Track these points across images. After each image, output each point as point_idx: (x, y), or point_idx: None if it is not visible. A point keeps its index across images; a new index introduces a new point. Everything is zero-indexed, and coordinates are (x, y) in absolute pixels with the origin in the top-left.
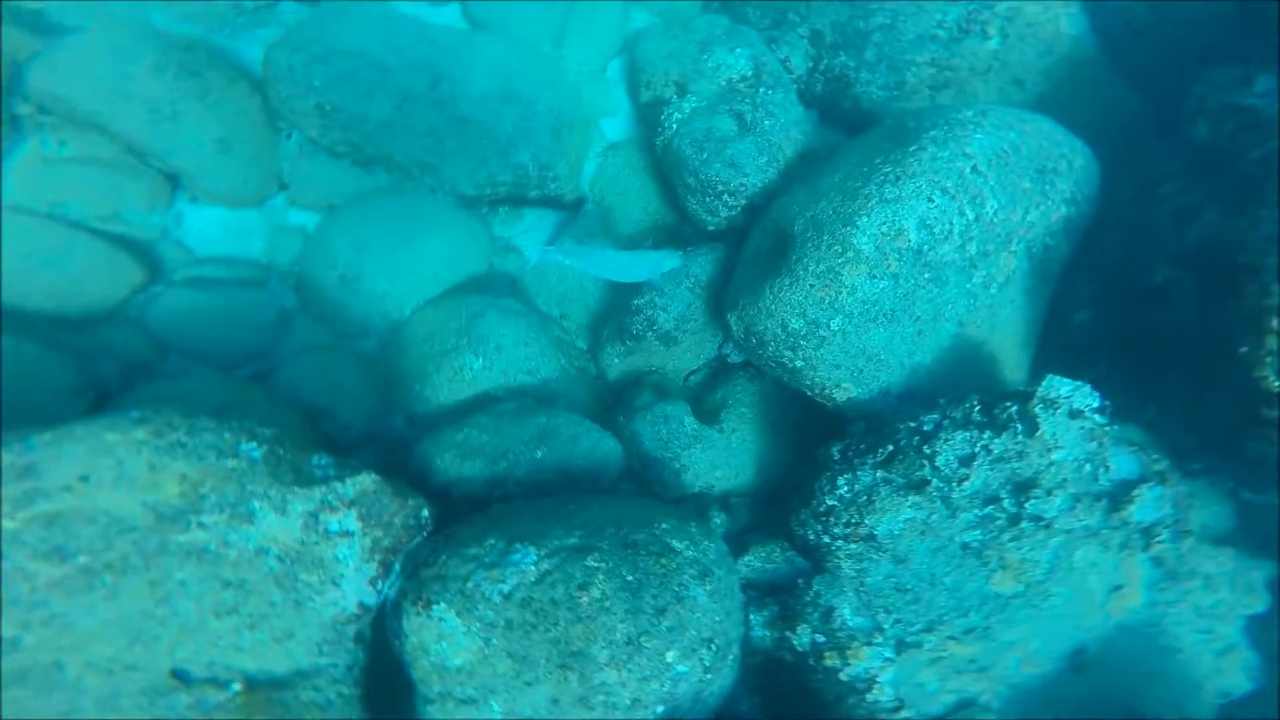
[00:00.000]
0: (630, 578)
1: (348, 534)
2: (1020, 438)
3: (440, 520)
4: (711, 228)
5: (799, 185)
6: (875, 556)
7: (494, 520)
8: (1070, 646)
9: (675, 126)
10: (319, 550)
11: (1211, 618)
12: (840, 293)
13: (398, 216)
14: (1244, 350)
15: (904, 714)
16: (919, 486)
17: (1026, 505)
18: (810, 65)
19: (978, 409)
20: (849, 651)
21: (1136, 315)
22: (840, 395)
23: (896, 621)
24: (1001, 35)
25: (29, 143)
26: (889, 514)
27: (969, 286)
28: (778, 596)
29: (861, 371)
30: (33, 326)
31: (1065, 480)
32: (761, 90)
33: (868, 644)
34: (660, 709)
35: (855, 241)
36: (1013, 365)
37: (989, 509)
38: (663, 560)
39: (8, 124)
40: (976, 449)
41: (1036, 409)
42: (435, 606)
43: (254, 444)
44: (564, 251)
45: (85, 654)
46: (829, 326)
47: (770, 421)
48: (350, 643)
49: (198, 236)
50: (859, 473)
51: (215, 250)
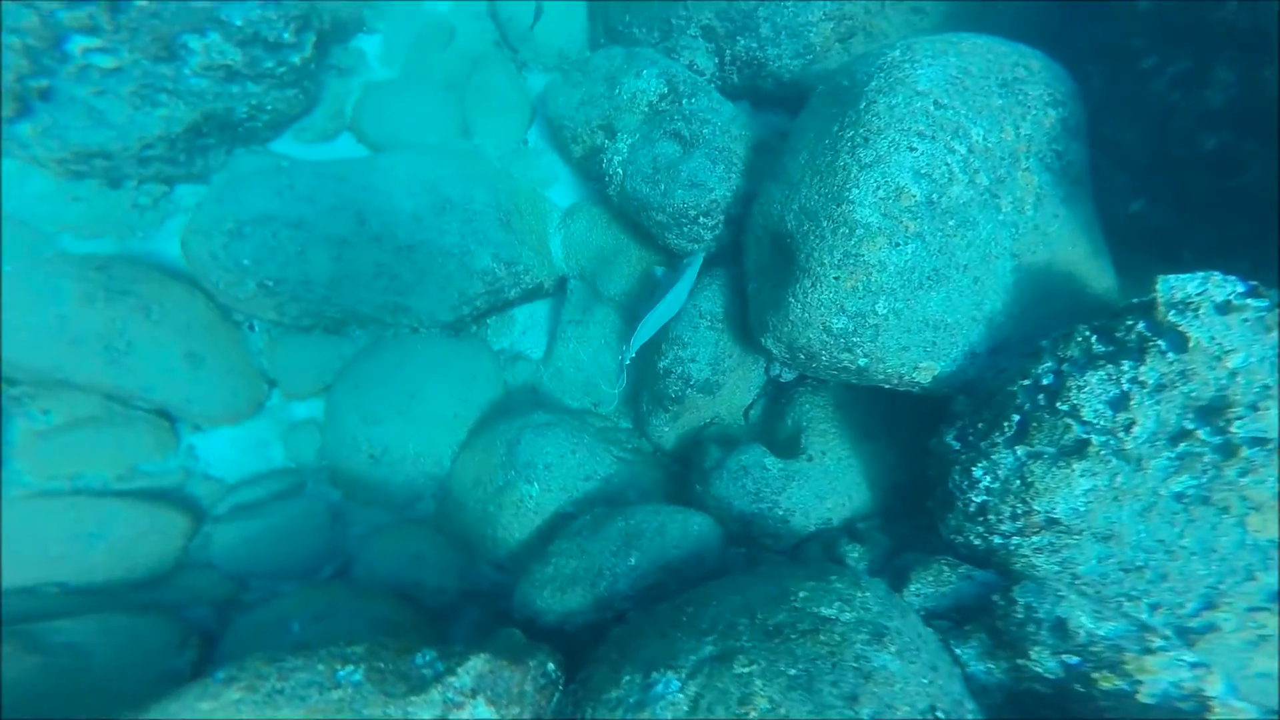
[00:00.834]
0: (794, 671)
1: None
2: (1172, 356)
3: (567, 663)
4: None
5: (769, 181)
6: (1071, 542)
7: (619, 648)
8: None
9: (621, 170)
10: None
11: None
12: (870, 274)
13: (393, 373)
14: None
15: None
16: (1079, 450)
17: (1234, 429)
18: (717, 60)
19: (1095, 339)
20: (1127, 666)
21: (1202, 186)
22: (924, 376)
23: (1156, 608)
24: None
25: (18, 422)
26: (1061, 491)
27: (1002, 217)
28: (978, 622)
29: (934, 344)
30: (113, 598)
31: (1268, 386)
32: (685, 102)
33: (1147, 650)
34: None
35: (858, 216)
36: (1095, 276)
37: (1184, 447)
38: (821, 637)
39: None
40: (1125, 386)
41: (1170, 318)
42: None
43: (350, 667)
44: (633, 349)
45: None
46: (876, 312)
47: (858, 429)
48: None
49: (219, 463)
50: (994, 456)
51: (240, 471)
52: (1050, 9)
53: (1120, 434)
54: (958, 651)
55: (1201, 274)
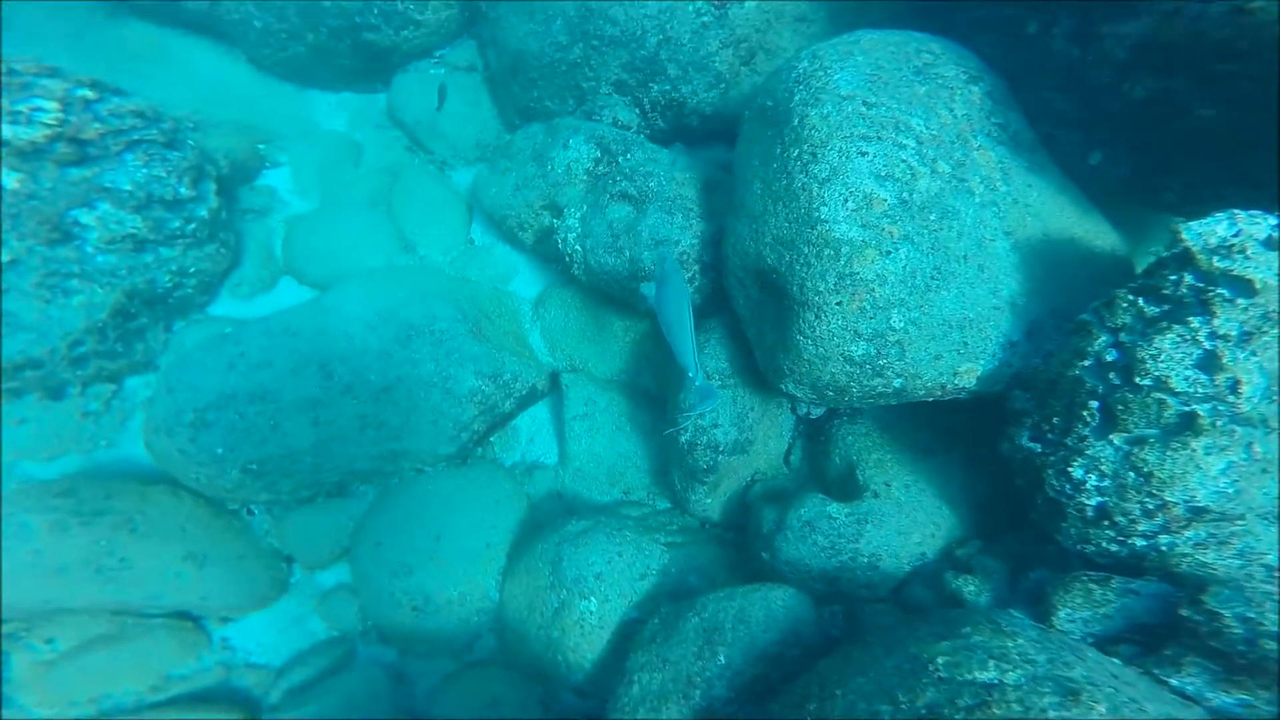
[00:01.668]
0: None
1: None
2: (1243, 301)
3: None
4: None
5: (731, 219)
6: (1238, 529)
7: None
8: None
9: (580, 246)
10: None
11: None
12: (872, 290)
13: (411, 521)
14: None
15: None
16: (1189, 425)
17: None
18: (638, 111)
19: (1142, 301)
20: None
21: (1152, 130)
22: (967, 380)
23: None
24: None
25: (15, 658)
26: (1192, 475)
27: (979, 199)
28: (1180, 643)
29: (965, 344)
30: None
31: None
32: (621, 160)
33: None
34: None
35: (837, 233)
36: (1097, 235)
37: None
38: (995, 711)
39: None
40: (1209, 344)
41: (1218, 264)
42: None
43: None
44: (695, 368)
45: None
46: (893, 328)
47: (914, 449)
48: None
49: (259, 649)
50: (1090, 451)
51: (284, 651)
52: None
53: (1229, 397)
54: (1174, 683)
55: (1223, 215)
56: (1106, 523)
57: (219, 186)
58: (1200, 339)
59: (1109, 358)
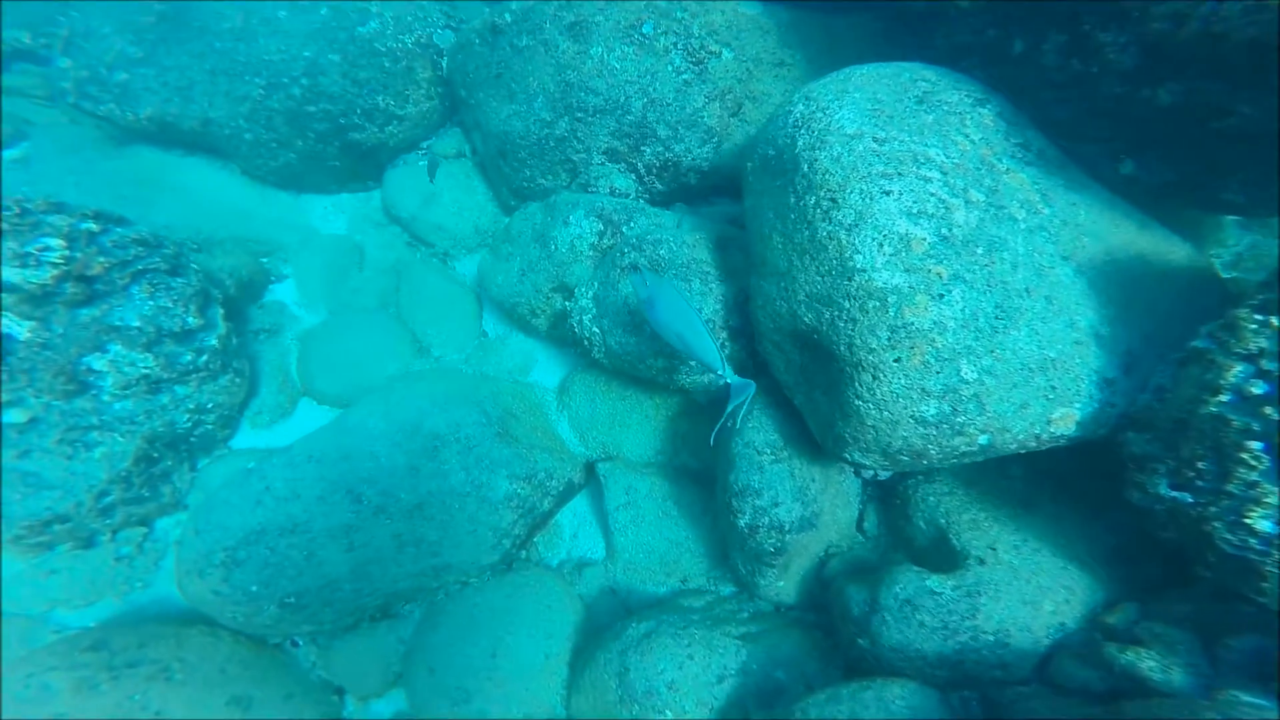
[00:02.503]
0: None
1: None
2: None
3: None
4: (728, 379)
5: (755, 279)
6: None
7: None
8: None
9: (597, 329)
10: None
11: None
12: (932, 341)
13: (463, 639)
14: None
15: None
16: None
17: None
18: (634, 177)
19: (1277, 319)
20: None
21: (1186, 133)
22: (1066, 427)
23: None
24: (724, 46)
25: None
26: None
27: (1024, 225)
28: None
29: (1054, 388)
30: None
31: None
32: (625, 229)
33: None
34: None
35: (879, 282)
36: (1166, 247)
37: None
38: None
39: None
40: None
41: None
42: None
43: None
44: (723, 365)
45: None
46: (966, 381)
47: (1012, 503)
48: None
49: None
50: (1272, 499)
51: None
52: (889, 30)
53: None
54: None
55: None
56: None
57: (226, 310)
58: None
59: (1255, 390)
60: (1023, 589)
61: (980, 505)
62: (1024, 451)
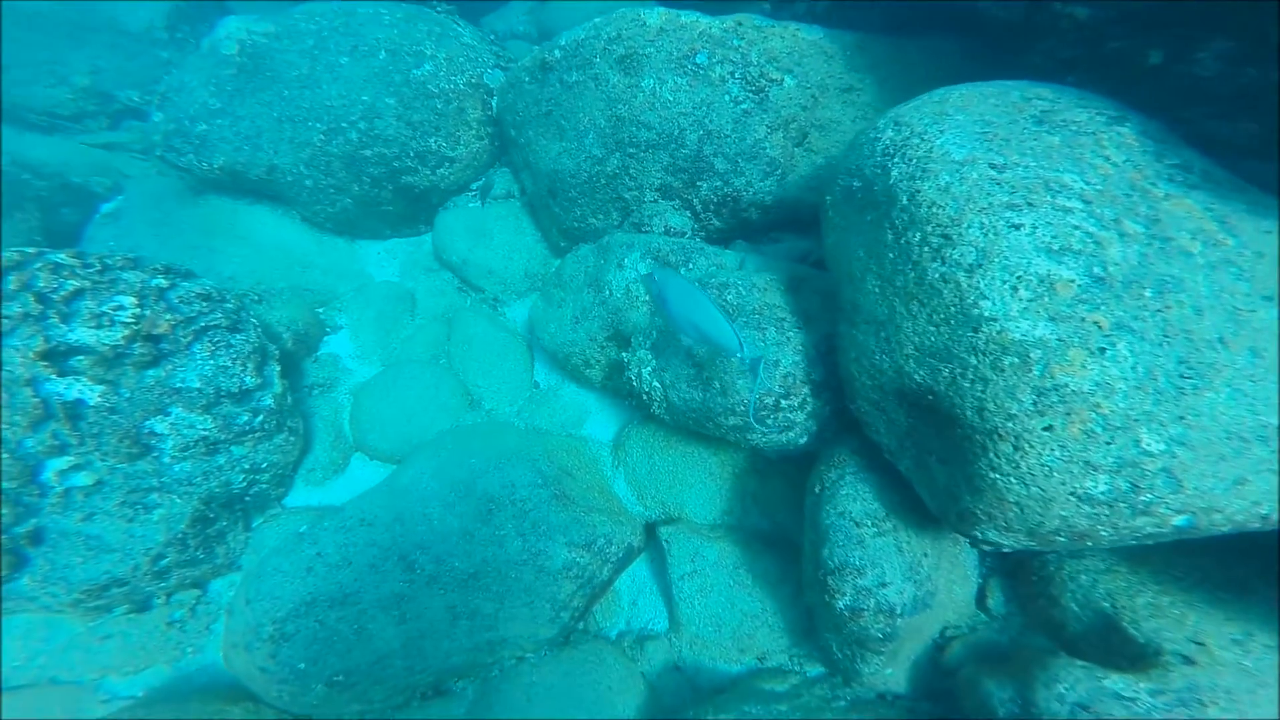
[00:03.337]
0: None
1: None
2: None
3: None
4: (806, 440)
5: (845, 327)
6: None
7: None
8: None
9: (658, 383)
10: None
11: None
12: (1096, 404)
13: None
14: None
15: None
16: None
17: None
18: (689, 214)
19: None
20: None
21: None
22: None
23: None
24: (785, 73)
25: None
26: None
27: (1202, 260)
28: None
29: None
30: None
31: None
32: (684, 272)
33: None
34: None
35: (1016, 335)
36: None
37: None
38: None
39: None
40: None
41: None
42: None
43: None
44: (748, 346)
45: None
46: (1150, 453)
47: (1216, 582)
48: None
49: None
50: None
51: None
52: (967, 49)
53: None
54: None
55: None
56: None
57: (283, 367)
58: None
59: None
60: (1273, 699)
61: (1159, 587)
62: (1235, 531)
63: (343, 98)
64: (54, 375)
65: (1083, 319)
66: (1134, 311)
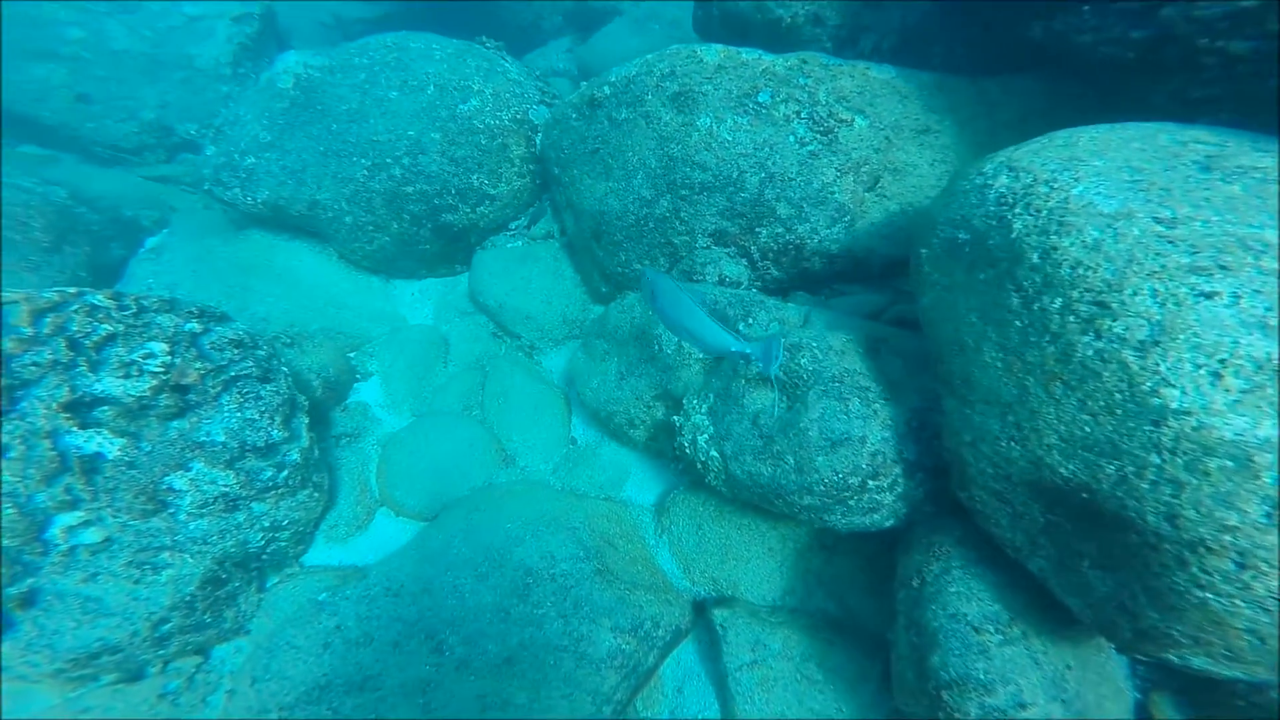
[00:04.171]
0: None
1: None
2: None
3: None
4: (892, 523)
5: (954, 404)
6: None
7: None
8: None
9: (715, 451)
10: None
11: None
12: None
13: None
14: None
15: None
16: None
17: None
18: (746, 262)
19: None
20: None
21: None
22: None
23: None
24: (856, 113)
25: None
26: None
27: None
28: None
29: None
30: None
31: None
32: (742, 328)
33: None
34: None
35: (1226, 433)
36: None
37: None
38: None
39: None
40: None
41: None
42: None
43: None
44: (753, 350)
45: None
46: None
47: None
48: None
49: None
50: None
51: None
52: (1055, 90)
53: None
54: None
55: None
56: None
57: (311, 419)
58: None
59: None
60: None
61: None
62: None
63: (389, 132)
64: (75, 428)
65: None
66: None
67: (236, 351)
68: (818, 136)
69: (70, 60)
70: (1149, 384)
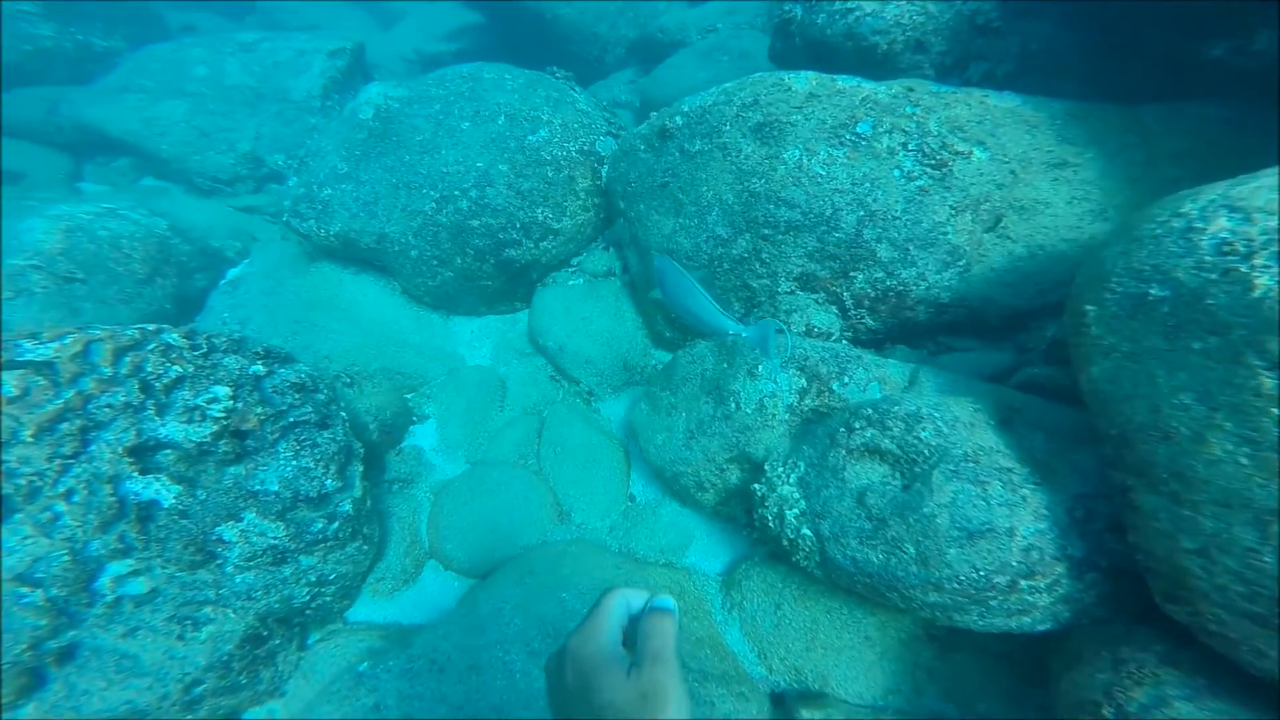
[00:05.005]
0: None
1: None
2: None
3: None
4: (1046, 628)
5: (1161, 503)
6: None
7: None
8: None
9: (808, 530)
10: None
11: None
12: None
13: None
14: None
15: None
16: None
17: None
18: (837, 310)
19: None
20: None
21: None
22: None
23: None
24: (974, 145)
25: None
26: None
27: None
28: None
29: None
30: None
31: None
32: (837, 387)
33: None
34: None
35: None
36: None
37: None
38: None
39: None
40: None
41: None
42: None
43: None
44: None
45: None
46: None
47: None
48: None
49: None
50: None
51: None
52: (1241, 120)
53: None
54: None
55: None
56: None
57: (365, 467)
58: None
59: None
60: None
61: None
62: None
63: (459, 163)
64: (136, 473)
65: None
66: None
67: (297, 396)
68: (928, 170)
69: (193, 96)
70: None
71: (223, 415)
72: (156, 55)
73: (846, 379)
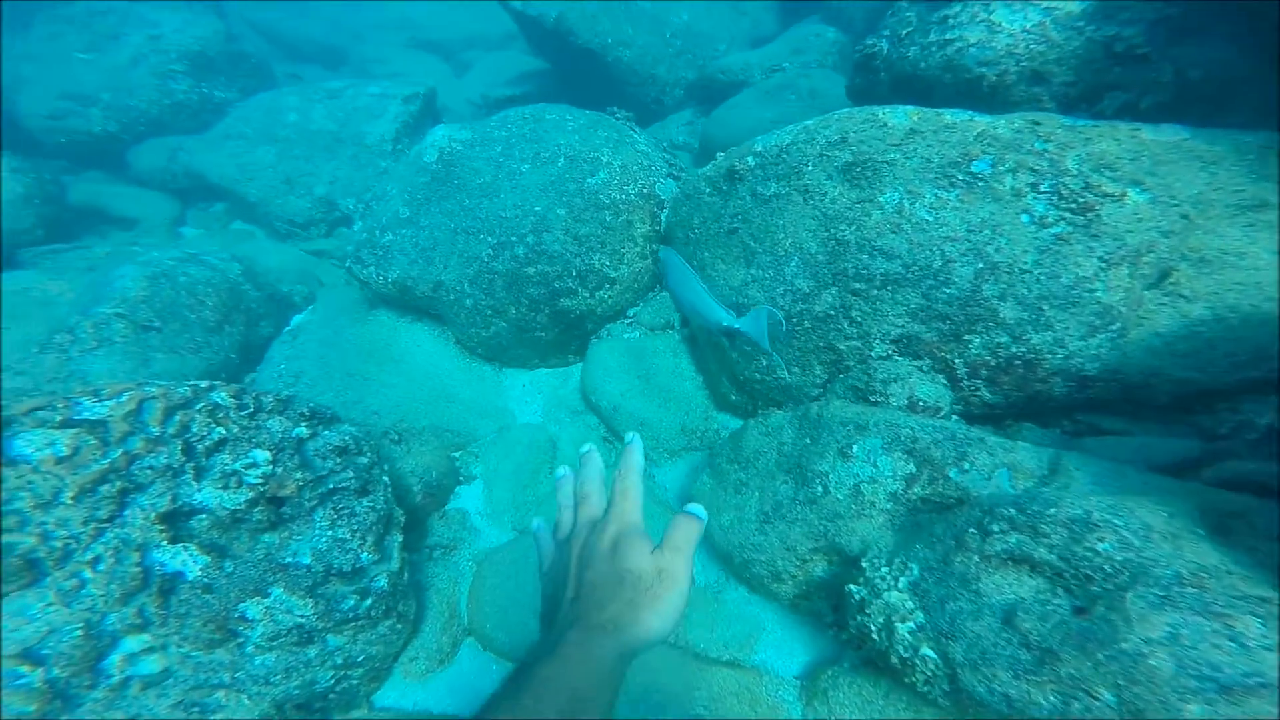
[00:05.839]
0: None
1: None
2: None
3: None
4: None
5: None
6: None
7: None
8: None
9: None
10: None
11: None
12: None
13: None
14: None
15: None
16: None
17: None
18: (946, 380)
19: None
20: None
21: None
22: None
23: None
24: (1129, 185)
25: None
26: None
27: None
28: None
29: None
30: None
31: None
32: (955, 475)
33: None
34: None
35: None
36: None
37: None
38: None
39: None
40: None
41: None
42: None
43: None
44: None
45: None
46: None
47: None
48: None
49: None
50: None
51: None
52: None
53: None
54: None
55: None
56: None
57: (406, 535)
58: None
59: None
60: None
61: None
62: None
63: (517, 208)
64: (166, 541)
65: None
66: None
67: (339, 460)
68: (1067, 215)
69: (282, 142)
70: None
71: (260, 481)
72: (260, 103)
73: (966, 465)
